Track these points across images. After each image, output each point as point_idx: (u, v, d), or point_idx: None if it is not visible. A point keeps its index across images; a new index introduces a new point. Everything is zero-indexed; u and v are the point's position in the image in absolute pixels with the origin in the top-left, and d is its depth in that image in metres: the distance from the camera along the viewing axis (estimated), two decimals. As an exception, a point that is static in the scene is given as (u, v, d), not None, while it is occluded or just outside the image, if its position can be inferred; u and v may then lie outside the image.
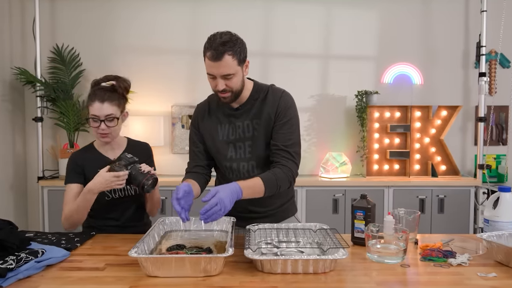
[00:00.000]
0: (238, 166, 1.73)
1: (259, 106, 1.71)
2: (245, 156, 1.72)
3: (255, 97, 1.72)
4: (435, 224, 3.49)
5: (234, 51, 1.55)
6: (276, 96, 1.70)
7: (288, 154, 1.65)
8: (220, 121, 1.75)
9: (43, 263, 1.35)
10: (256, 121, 1.70)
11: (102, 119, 1.75)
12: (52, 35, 3.75)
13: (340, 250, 1.33)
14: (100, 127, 1.75)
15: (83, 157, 1.86)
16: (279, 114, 1.68)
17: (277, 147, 1.66)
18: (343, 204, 3.45)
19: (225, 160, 1.75)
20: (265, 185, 1.57)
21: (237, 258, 1.40)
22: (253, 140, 1.71)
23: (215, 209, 1.38)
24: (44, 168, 3.64)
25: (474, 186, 3.52)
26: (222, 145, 1.74)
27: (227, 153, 1.74)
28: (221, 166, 1.79)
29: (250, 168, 1.73)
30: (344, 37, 3.83)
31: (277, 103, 1.68)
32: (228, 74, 1.57)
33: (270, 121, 1.69)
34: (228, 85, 1.59)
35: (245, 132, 1.71)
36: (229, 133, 1.73)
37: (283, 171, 1.63)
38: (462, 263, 1.39)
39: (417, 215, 1.67)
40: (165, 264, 1.26)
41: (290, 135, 1.67)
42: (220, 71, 1.56)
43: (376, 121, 3.71)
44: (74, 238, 1.71)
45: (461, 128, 3.88)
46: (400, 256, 1.42)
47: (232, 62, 1.55)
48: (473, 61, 3.82)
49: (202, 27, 3.75)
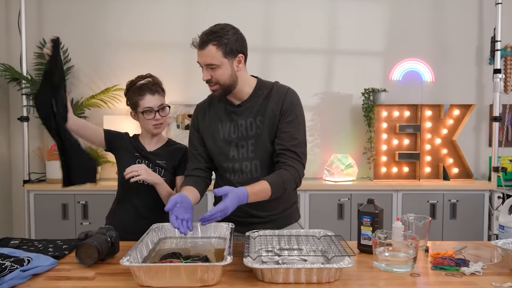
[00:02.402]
0: (241, 166, 1.74)
1: (263, 103, 1.72)
2: (248, 155, 1.73)
3: (258, 94, 1.74)
4: (447, 231, 3.49)
5: (219, 42, 1.61)
6: (281, 93, 1.72)
7: (294, 155, 1.67)
8: (221, 119, 1.77)
9: (29, 272, 1.35)
10: (260, 119, 1.71)
11: (156, 109, 1.94)
12: (38, 28, 3.76)
13: (346, 258, 1.33)
14: (155, 117, 1.94)
15: (130, 140, 2.05)
16: (284, 112, 1.69)
17: (283, 147, 1.68)
18: (349, 209, 3.46)
19: (227, 160, 1.75)
20: (272, 189, 1.59)
21: (236, 267, 1.40)
22: (257, 138, 1.72)
23: (217, 215, 1.44)
24: (30, 170, 3.64)
25: (488, 190, 3.52)
26: (223, 145, 1.75)
27: (229, 153, 1.74)
28: (222, 167, 1.79)
29: (253, 168, 1.73)
30: (350, 31, 3.83)
31: (282, 100, 1.70)
32: (210, 64, 1.63)
33: (275, 118, 1.70)
34: (214, 77, 1.65)
35: (247, 131, 1.72)
36: (230, 132, 1.74)
37: (290, 172, 1.64)
38: (475, 272, 1.39)
39: (427, 221, 1.67)
40: (159, 273, 1.26)
41: (296, 134, 1.69)
42: (203, 60, 1.64)
43: (384, 121, 3.71)
44: (62, 245, 1.70)
45: (474, 128, 3.88)
46: (410, 265, 1.42)
47: (215, 53, 1.61)
48: (487, 56, 3.83)
49: (199, 20, 3.75)
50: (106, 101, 3.69)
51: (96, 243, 1.47)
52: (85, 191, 3.42)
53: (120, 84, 3.67)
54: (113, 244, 1.56)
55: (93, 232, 1.58)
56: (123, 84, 1.91)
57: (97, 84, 3.77)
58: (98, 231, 1.57)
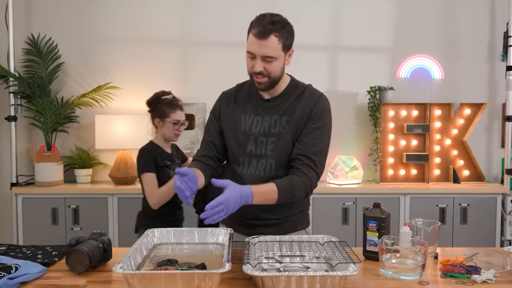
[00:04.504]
0: (257, 163, 1.75)
1: (293, 103, 1.75)
2: (266, 153, 1.74)
3: (290, 92, 1.77)
4: (457, 236, 3.49)
5: (281, 34, 1.62)
6: (314, 97, 1.76)
7: (311, 162, 1.69)
8: (246, 110, 1.79)
9: (17, 280, 1.35)
10: (285, 118, 1.74)
11: (181, 123, 2.53)
12: (27, 23, 3.76)
13: (351, 266, 1.33)
14: (179, 129, 2.53)
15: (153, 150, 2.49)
16: (312, 117, 1.72)
17: (301, 152, 1.70)
18: (354, 214, 3.46)
19: (243, 154, 1.77)
20: (279, 194, 1.61)
21: (234, 275, 1.40)
22: (278, 137, 1.73)
23: (218, 209, 1.42)
24: (18, 173, 3.64)
25: (501, 193, 3.52)
26: (243, 137, 1.77)
27: (247, 147, 1.76)
28: (236, 160, 1.80)
29: (268, 167, 1.74)
30: (354, 26, 3.84)
31: (313, 105, 1.74)
32: (270, 56, 1.62)
33: (301, 121, 1.73)
34: (267, 69, 1.65)
35: (271, 127, 1.74)
36: (252, 125, 1.76)
37: (301, 179, 1.66)
38: (487, 280, 1.39)
39: (437, 226, 1.67)
40: (154, 281, 1.26)
41: (318, 142, 1.72)
42: (262, 51, 1.62)
43: (391, 121, 3.71)
44: (52, 252, 1.71)
45: (486, 128, 3.89)
46: (418, 272, 1.42)
47: (277, 45, 1.61)
48: (500, 53, 3.83)
49: (196, 15, 3.75)
50: (98, 99, 3.69)
51: (88, 249, 1.47)
52: (76, 195, 3.42)
53: (113, 82, 3.68)
54: (106, 251, 1.56)
55: (85, 238, 1.58)
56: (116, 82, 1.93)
57: (89, 82, 3.77)
58: (90, 237, 1.57)
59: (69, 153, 3.72)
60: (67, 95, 3.75)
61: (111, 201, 3.39)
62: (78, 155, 3.65)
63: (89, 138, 3.74)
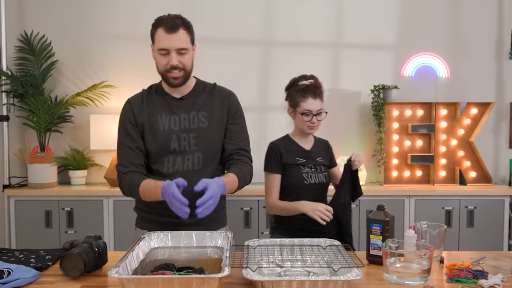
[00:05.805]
0: (183, 158, 1.85)
1: (206, 99, 1.91)
2: (190, 148, 1.85)
3: (200, 90, 1.93)
4: (463, 240, 3.49)
5: (188, 28, 1.81)
6: (225, 94, 1.95)
7: (247, 153, 1.93)
8: (161, 111, 1.88)
9: (9, 285, 1.36)
10: (203, 114, 1.88)
11: (314, 113, 2.18)
12: (19, 20, 3.76)
13: (354, 270, 1.33)
14: (312, 120, 2.19)
15: (283, 146, 2.27)
16: (233, 114, 1.93)
17: (238, 147, 1.91)
18: (357, 217, 3.46)
19: (167, 153, 1.85)
20: (239, 181, 1.79)
21: (234, 279, 1.40)
22: (199, 132, 1.86)
23: (209, 203, 1.55)
24: (10, 175, 3.65)
25: (508, 195, 3.52)
26: (164, 137, 1.85)
27: (170, 145, 1.85)
28: (159, 161, 1.86)
29: (196, 160, 1.85)
30: (357, 23, 3.84)
31: (228, 101, 1.93)
32: (183, 48, 1.78)
33: (222, 116, 1.91)
34: (182, 62, 1.80)
35: (190, 123, 1.87)
36: (171, 124, 1.86)
37: (247, 168, 1.89)
38: (494, 285, 1.39)
39: (442, 229, 1.67)
40: (151, 285, 1.26)
41: (245, 135, 1.97)
42: (175, 44, 1.77)
43: (395, 120, 3.71)
44: (46, 256, 1.71)
45: (493, 129, 3.89)
46: (423, 277, 1.43)
47: (186, 37, 1.79)
48: (507, 51, 3.84)
49: (196, 10, 3.75)
50: (93, 99, 3.69)
51: (82, 253, 1.48)
52: (70, 197, 3.42)
53: (109, 80, 3.68)
54: (101, 255, 1.56)
55: (79, 241, 1.58)
56: (111, 80, 1.93)
57: (84, 80, 3.77)
58: (84, 241, 1.58)
59: (63, 154, 3.72)
60: (61, 94, 3.75)
61: (106, 204, 3.39)
62: (72, 156, 3.66)
63: (83, 139, 3.75)
